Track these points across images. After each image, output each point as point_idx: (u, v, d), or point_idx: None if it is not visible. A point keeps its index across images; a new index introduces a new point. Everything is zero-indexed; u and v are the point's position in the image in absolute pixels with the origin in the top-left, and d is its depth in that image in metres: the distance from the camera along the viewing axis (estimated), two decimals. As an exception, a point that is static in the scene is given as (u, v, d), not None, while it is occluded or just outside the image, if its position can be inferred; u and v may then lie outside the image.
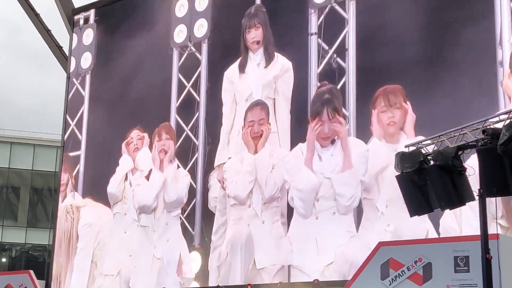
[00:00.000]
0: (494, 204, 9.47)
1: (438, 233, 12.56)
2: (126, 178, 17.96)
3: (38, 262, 37.06)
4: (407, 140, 12.74)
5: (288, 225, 14.72)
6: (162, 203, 16.93)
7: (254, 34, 16.21)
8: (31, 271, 16.77)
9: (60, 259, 18.76)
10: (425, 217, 11.57)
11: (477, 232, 9.02)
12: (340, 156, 14.26)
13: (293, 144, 15.04)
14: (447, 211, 11.53)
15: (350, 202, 13.86)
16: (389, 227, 13.26)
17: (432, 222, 12.57)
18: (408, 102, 13.56)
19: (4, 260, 39.18)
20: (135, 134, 18.05)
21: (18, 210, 40.19)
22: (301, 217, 14.45)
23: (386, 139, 13.79)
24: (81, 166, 19.16)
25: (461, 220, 12.33)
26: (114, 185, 18.02)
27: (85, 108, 19.57)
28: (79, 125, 19.55)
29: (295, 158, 14.81)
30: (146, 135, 17.78)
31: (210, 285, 15.61)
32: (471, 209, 11.05)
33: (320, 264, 14.03)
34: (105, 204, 18.20)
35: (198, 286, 15.85)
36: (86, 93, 19.68)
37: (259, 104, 15.76)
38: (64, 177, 19.40)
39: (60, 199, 19.31)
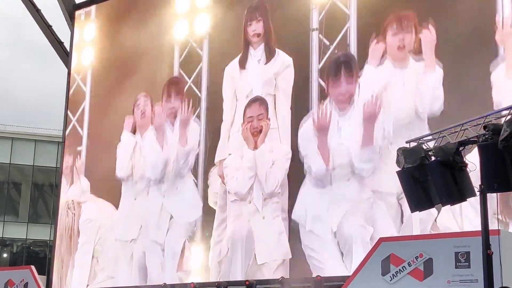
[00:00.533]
0: (495, 200, 9.42)
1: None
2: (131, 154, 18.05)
3: (39, 257, 36.99)
4: (415, 64, 13.04)
5: (289, 219, 14.74)
6: (170, 165, 17.00)
7: (255, 27, 16.18)
8: (32, 267, 16.75)
9: (61, 255, 18.78)
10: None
11: (478, 229, 9.00)
12: (358, 120, 14.10)
13: (294, 140, 15.03)
14: (445, 210, 11.51)
15: (369, 174, 13.85)
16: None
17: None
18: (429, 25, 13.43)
19: (5, 255, 39.13)
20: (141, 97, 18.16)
21: (19, 206, 40.11)
22: (315, 186, 14.44)
23: (394, 64, 13.78)
24: (82, 162, 19.16)
25: (462, 218, 12.30)
26: (122, 170, 18.05)
27: (86, 103, 19.56)
28: (80, 120, 19.55)
29: (308, 132, 14.80)
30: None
31: (211, 280, 15.62)
32: (471, 206, 11.05)
33: (332, 226, 14.07)
34: (106, 200, 18.22)
35: (199, 281, 15.85)
36: (87, 89, 19.66)
37: (258, 100, 15.73)
38: (69, 159, 19.37)
39: (68, 184, 19.26)
